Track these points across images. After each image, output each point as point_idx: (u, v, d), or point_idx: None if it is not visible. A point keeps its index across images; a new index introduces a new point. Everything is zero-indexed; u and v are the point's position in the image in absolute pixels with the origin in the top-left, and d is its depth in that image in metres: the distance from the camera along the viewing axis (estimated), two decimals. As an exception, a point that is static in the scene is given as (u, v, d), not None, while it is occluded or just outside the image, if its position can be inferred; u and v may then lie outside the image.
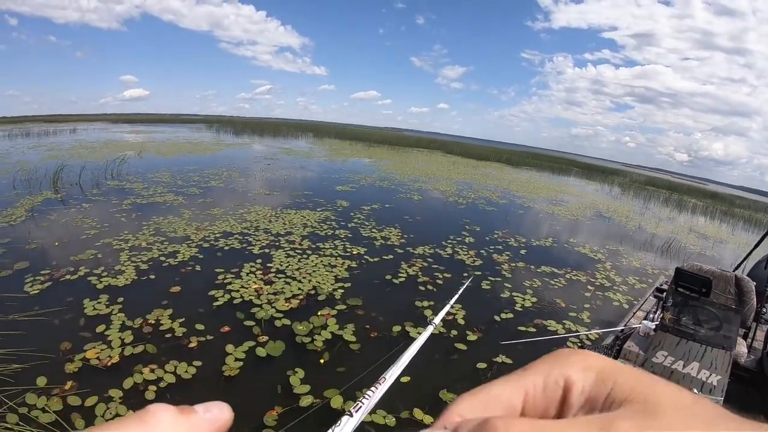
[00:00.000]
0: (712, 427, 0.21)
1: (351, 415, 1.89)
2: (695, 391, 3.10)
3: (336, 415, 3.72)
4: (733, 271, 4.75)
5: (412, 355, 2.58)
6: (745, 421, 0.23)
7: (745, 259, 5.83)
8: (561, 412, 0.25)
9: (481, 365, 4.79)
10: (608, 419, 0.22)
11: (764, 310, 4.63)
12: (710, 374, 3.23)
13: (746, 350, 4.16)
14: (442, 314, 3.12)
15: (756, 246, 5.51)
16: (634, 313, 4.82)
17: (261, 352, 4.50)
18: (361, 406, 1.97)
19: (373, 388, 2.09)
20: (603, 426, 0.21)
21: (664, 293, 4.19)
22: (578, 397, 0.25)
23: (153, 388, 3.85)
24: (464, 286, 4.78)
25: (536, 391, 0.26)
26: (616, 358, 3.67)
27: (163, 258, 6.76)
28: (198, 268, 6.54)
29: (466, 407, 0.26)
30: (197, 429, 0.26)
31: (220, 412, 0.28)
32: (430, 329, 2.87)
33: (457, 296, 4.35)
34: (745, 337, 4.49)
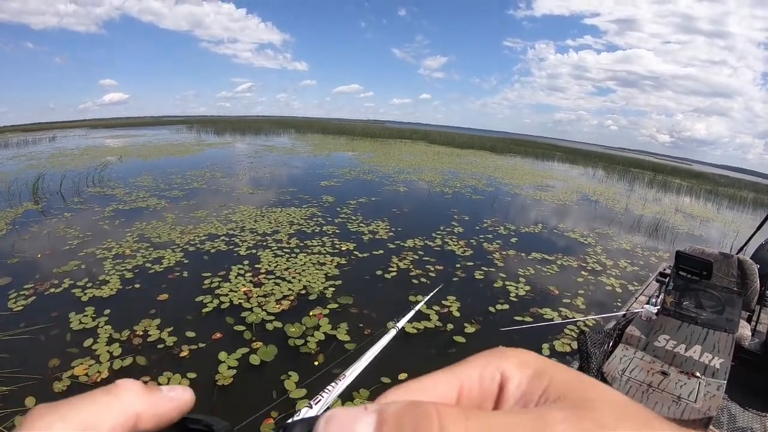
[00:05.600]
0: (645, 428, 0.21)
1: (310, 407, 1.99)
2: (698, 374, 3.06)
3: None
4: (736, 253, 4.73)
5: (374, 355, 2.65)
6: (678, 428, 0.22)
7: (747, 241, 5.82)
8: (496, 407, 0.25)
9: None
10: (543, 411, 0.22)
11: None
12: (713, 357, 3.20)
13: (750, 333, 4.13)
14: (406, 318, 3.11)
15: (758, 228, 5.49)
16: (637, 298, 4.80)
17: (254, 359, 4.40)
18: (320, 400, 2.15)
19: (333, 384, 2.32)
20: (537, 417, 0.21)
21: (667, 277, 4.16)
22: (514, 392, 0.24)
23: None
24: (433, 292, 4.79)
25: (472, 384, 0.25)
26: (617, 342, 3.65)
27: (148, 265, 6.61)
28: (185, 273, 6.40)
29: (400, 397, 0.24)
30: (159, 404, 0.28)
31: (182, 392, 0.30)
32: (393, 332, 2.90)
33: (423, 302, 4.32)
34: (749, 320, 4.47)
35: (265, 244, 7.85)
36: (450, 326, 5.35)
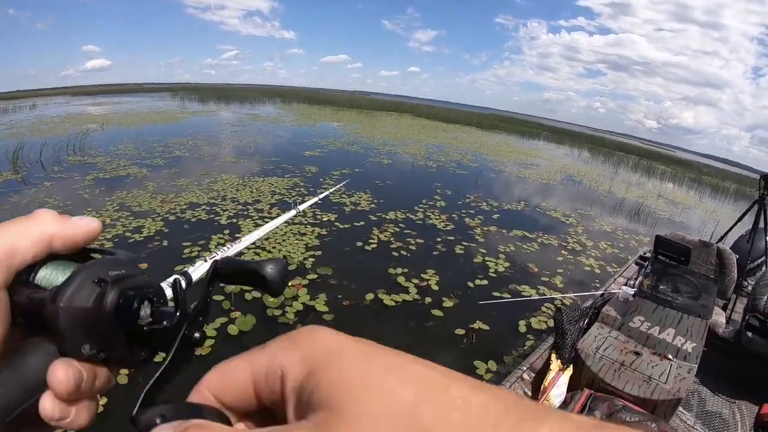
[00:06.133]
0: None
1: (205, 261, 2.06)
2: (670, 356, 3.13)
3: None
4: (716, 242, 4.82)
5: (271, 228, 2.78)
6: None
7: (728, 231, 5.94)
8: (283, 401, 0.25)
9: (459, 331, 4.78)
10: (287, 429, 0.23)
11: (745, 282, 4.76)
12: (685, 341, 3.27)
13: (725, 321, 4.24)
14: (310, 202, 3.21)
15: (739, 219, 5.61)
16: (615, 279, 4.88)
17: (233, 329, 4.40)
18: (215, 257, 2.13)
19: (227, 246, 2.35)
20: None
21: (646, 261, 4.24)
22: (290, 392, 0.25)
23: (124, 371, 3.72)
24: (342, 183, 4.76)
25: (261, 376, 0.26)
26: (593, 320, 3.70)
27: (128, 234, 6.53)
28: (165, 242, 6.34)
29: (213, 382, 0.28)
30: (70, 228, 0.34)
31: (90, 221, 0.35)
32: (292, 212, 3.02)
33: (331, 191, 4.34)
34: (724, 308, 4.58)
35: (246, 213, 7.80)
36: (428, 299, 5.39)
